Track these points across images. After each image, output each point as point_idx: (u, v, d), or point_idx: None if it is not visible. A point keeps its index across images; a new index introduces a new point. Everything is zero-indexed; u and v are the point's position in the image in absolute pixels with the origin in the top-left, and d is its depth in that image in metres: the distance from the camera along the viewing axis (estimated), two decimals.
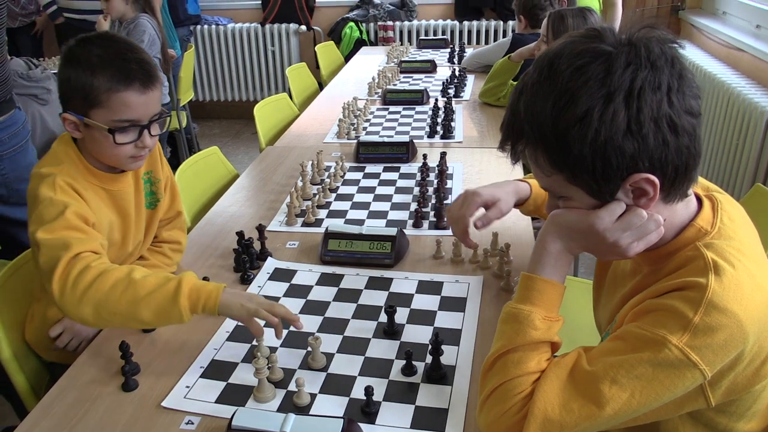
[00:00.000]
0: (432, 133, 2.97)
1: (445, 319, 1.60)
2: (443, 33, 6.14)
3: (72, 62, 1.57)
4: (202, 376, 1.43)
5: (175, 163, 3.75)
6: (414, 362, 1.41)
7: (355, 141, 2.74)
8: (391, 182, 2.44)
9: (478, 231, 1.66)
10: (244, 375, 1.43)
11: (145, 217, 1.81)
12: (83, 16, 4.90)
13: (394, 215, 2.18)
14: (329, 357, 1.47)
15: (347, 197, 2.32)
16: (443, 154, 2.45)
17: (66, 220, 1.50)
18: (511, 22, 5.95)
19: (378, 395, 1.34)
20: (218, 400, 1.35)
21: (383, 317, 1.60)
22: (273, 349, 1.49)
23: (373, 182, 2.45)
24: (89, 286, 1.42)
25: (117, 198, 1.71)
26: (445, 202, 2.20)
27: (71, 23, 5.02)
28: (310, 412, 1.31)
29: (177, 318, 1.42)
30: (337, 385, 1.39)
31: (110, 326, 1.49)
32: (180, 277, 1.44)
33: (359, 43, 6.11)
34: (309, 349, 1.46)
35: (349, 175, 2.51)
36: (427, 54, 4.75)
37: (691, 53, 4.31)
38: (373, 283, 1.76)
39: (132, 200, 1.76)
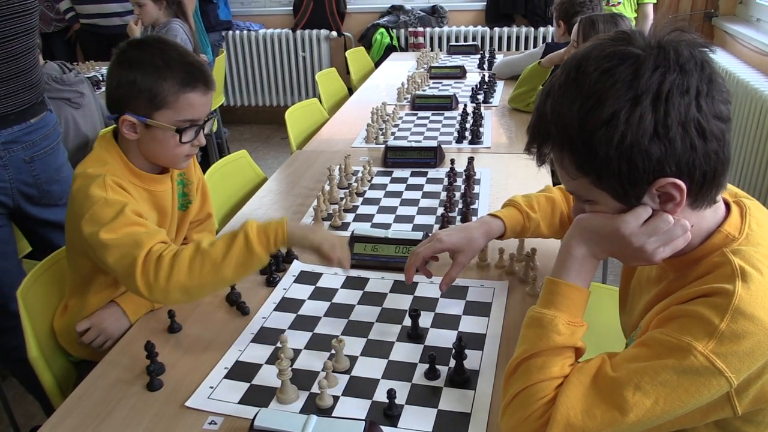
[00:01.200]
0: (460, 139, 2.97)
1: (470, 324, 1.59)
2: (474, 39, 6.13)
3: (133, 66, 1.63)
4: (226, 376, 1.44)
5: (205, 167, 3.77)
6: (437, 366, 1.41)
7: (383, 146, 2.74)
8: (418, 187, 2.44)
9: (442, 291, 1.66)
10: (267, 376, 1.43)
11: (176, 218, 1.84)
12: (93, 20, 5.00)
13: (420, 220, 2.17)
14: (353, 360, 1.47)
15: (374, 201, 2.33)
16: (471, 159, 2.44)
17: (127, 217, 1.56)
18: (542, 29, 5.93)
19: (401, 398, 1.33)
20: (241, 401, 1.36)
21: (407, 321, 1.59)
22: (297, 351, 1.50)
23: (400, 187, 2.44)
24: (169, 275, 1.50)
25: (158, 198, 1.77)
26: (472, 207, 2.19)
27: (85, 28, 5.12)
28: (333, 415, 1.31)
29: (257, 264, 1.54)
30: (359, 387, 1.39)
31: (200, 298, 1.63)
32: (244, 229, 1.53)
33: (389, 49, 6.12)
34: (332, 351, 1.46)
35: (377, 180, 2.51)
36: (457, 60, 4.74)
37: (724, 60, 4.26)
38: (398, 287, 1.76)
39: (170, 201, 1.80)
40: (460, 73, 4.22)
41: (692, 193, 1.07)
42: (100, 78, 4.28)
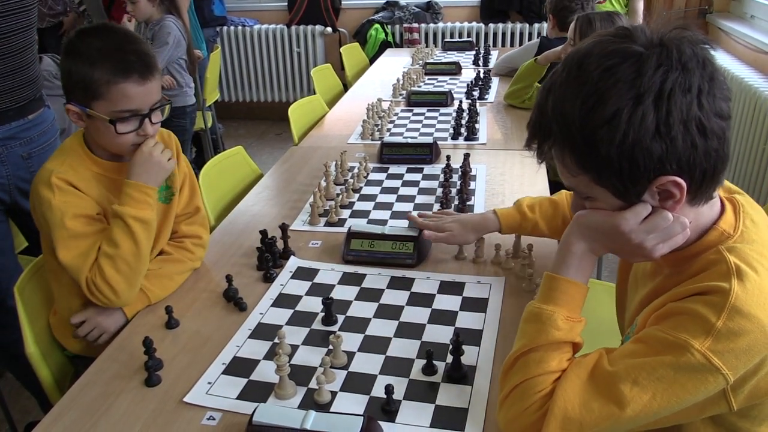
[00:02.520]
0: (456, 135, 2.97)
1: (467, 320, 1.59)
2: (469, 35, 6.13)
3: (72, 55, 1.63)
4: (224, 372, 1.44)
5: (200, 163, 3.78)
6: (434, 362, 1.41)
7: (379, 142, 2.74)
8: (414, 183, 2.44)
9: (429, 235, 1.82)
10: (265, 372, 1.43)
11: (159, 210, 1.83)
12: None
13: None
14: (350, 355, 1.47)
15: (370, 197, 2.33)
16: (467, 156, 2.45)
17: (67, 230, 1.62)
18: (537, 25, 5.94)
19: (398, 394, 1.34)
20: (239, 397, 1.36)
21: (404, 317, 1.60)
22: (294, 347, 1.50)
23: (397, 183, 2.45)
24: (114, 292, 1.62)
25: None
26: (468, 203, 2.19)
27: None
28: (331, 410, 1.31)
29: (155, 221, 1.71)
30: (357, 383, 1.39)
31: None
32: (121, 215, 1.63)
33: (384, 45, 6.11)
34: (330, 347, 1.47)
35: (373, 176, 2.52)
36: (452, 56, 4.74)
37: (718, 57, 4.22)
38: (395, 283, 1.76)
39: None
40: (455, 69, 4.22)
41: (692, 191, 1.07)
42: None
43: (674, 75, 1.02)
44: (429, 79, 4.11)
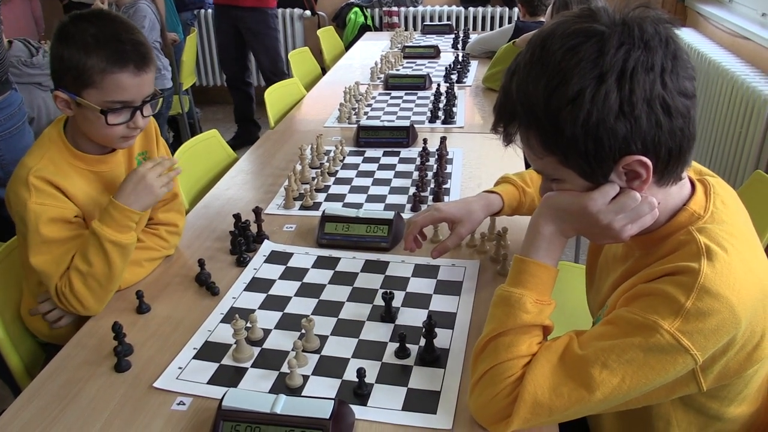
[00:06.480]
0: (433, 118, 2.96)
1: (440, 303, 1.59)
2: (448, 19, 6.12)
3: (66, 40, 1.56)
4: (195, 357, 1.43)
5: (177, 147, 3.75)
6: (408, 345, 1.41)
7: (356, 125, 2.73)
8: (391, 166, 2.43)
9: (433, 260, 1.72)
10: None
11: None
12: None
13: (392, 199, 2.17)
14: (323, 339, 1.46)
15: (346, 181, 2.32)
16: (443, 139, 2.44)
17: (40, 235, 1.57)
18: (516, 9, 5.92)
19: (371, 377, 1.33)
20: (210, 381, 1.35)
21: (378, 300, 1.59)
22: (267, 331, 1.49)
23: (373, 166, 2.44)
24: (82, 305, 1.58)
25: (106, 179, 1.72)
26: (444, 186, 2.19)
27: (73, 5, 5.02)
28: (302, 394, 1.31)
29: (133, 244, 1.64)
30: (329, 367, 1.38)
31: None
32: (99, 234, 1.56)
33: (364, 29, 6.09)
34: (303, 331, 1.46)
35: (349, 159, 2.50)
36: (431, 39, 4.73)
37: (696, 41, 4.27)
38: (370, 267, 1.76)
39: (120, 181, 1.75)
40: (434, 52, 4.21)
41: (658, 170, 1.07)
42: None
43: (636, 53, 1.01)
44: (407, 62, 4.10)
